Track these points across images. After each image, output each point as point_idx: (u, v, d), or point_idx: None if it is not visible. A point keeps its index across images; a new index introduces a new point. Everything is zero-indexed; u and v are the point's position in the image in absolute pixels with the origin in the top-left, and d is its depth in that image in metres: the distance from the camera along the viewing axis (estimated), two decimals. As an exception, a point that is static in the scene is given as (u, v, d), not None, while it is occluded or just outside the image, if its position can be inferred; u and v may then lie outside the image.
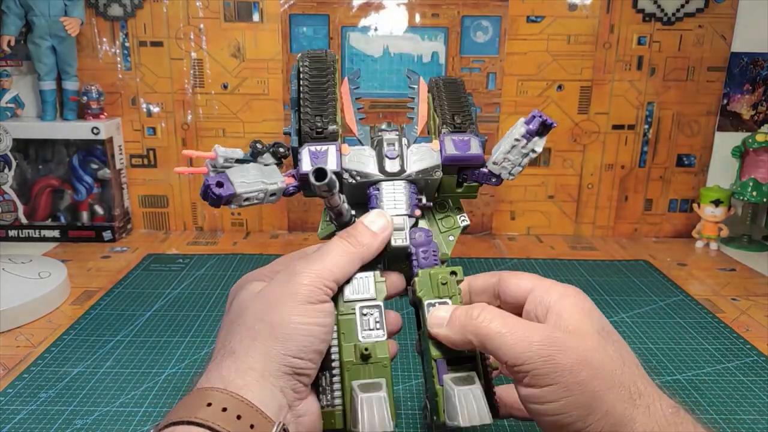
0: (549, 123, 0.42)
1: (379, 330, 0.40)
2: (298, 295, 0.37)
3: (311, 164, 0.42)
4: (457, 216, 0.47)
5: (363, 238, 0.40)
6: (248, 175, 0.42)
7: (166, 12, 0.97)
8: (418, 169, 0.43)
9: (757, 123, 1.02)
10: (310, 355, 0.37)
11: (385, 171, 0.43)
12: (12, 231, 0.99)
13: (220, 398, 0.34)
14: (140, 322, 0.71)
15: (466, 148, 0.44)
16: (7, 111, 0.98)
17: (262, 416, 0.34)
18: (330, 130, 0.43)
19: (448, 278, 0.41)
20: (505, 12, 0.97)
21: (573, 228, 1.07)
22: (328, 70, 0.45)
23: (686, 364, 0.63)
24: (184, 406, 0.34)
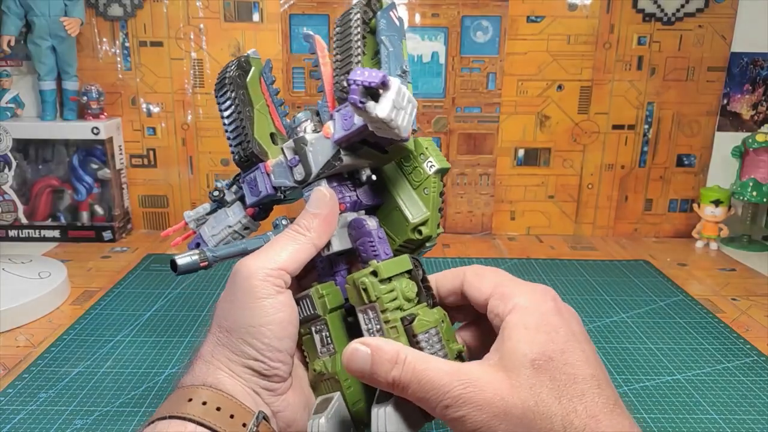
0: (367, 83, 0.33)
1: (329, 345, 0.40)
2: (250, 293, 0.36)
3: (251, 194, 0.44)
4: (423, 164, 0.41)
5: (305, 221, 0.39)
6: (214, 225, 0.45)
7: (166, 12, 0.97)
8: (320, 168, 0.40)
9: (757, 123, 1.02)
10: (270, 354, 0.36)
11: (296, 180, 0.41)
12: (12, 231, 0.99)
13: (199, 393, 0.35)
14: (140, 322, 0.71)
15: (350, 122, 0.37)
16: (7, 111, 0.98)
17: (240, 407, 0.35)
18: (249, 156, 0.43)
19: (367, 282, 0.36)
20: (505, 12, 0.97)
21: (573, 228, 1.07)
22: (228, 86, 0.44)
23: (686, 364, 0.63)
24: (168, 404, 0.35)
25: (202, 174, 1.03)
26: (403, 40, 0.41)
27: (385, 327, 0.36)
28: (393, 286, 0.37)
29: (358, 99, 0.33)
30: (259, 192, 0.43)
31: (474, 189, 1.04)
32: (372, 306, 0.37)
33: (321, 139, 0.39)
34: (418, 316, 0.36)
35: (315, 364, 0.40)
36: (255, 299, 0.36)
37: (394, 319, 0.36)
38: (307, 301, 0.40)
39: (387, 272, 0.37)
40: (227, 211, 0.45)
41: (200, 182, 1.04)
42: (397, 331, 0.36)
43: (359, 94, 0.33)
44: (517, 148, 1.03)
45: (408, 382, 0.33)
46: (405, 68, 0.39)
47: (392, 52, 0.39)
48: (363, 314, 0.37)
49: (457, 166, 1.03)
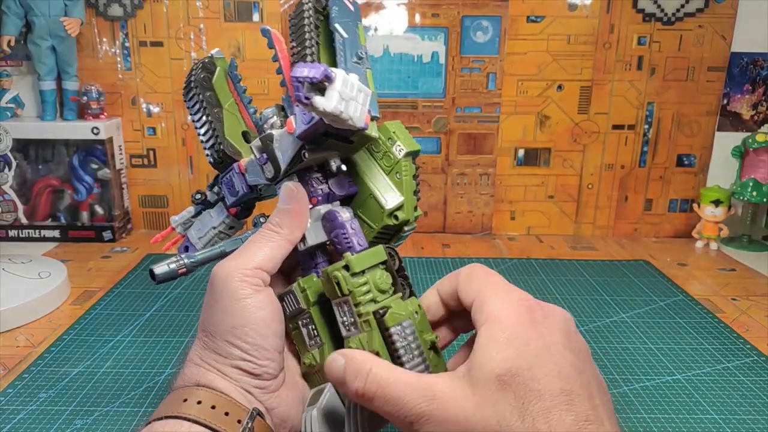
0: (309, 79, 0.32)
1: (316, 337, 0.40)
2: (227, 296, 0.37)
3: (230, 194, 0.45)
4: (392, 148, 0.41)
5: (276, 218, 0.39)
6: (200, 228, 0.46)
7: (166, 12, 0.97)
8: (287, 164, 0.39)
9: (757, 123, 1.02)
10: (255, 353, 0.37)
11: (267, 177, 0.41)
12: (12, 231, 0.99)
13: (193, 393, 0.36)
14: (140, 322, 0.71)
15: (310, 115, 0.36)
16: (7, 111, 0.98)
17: (235, 405, 0.36)
18: (223, 156, 0.44)
19: (339, 275, 0.36)
20: (505, 12, 0.97)
21: (573, 228, 1.07)
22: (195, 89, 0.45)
23: (686, 364, 0.63)
24: (164, 405, 0.36)
25: (202, 174, 1.03)
26: (359, 24, 0.40)
27: (359, 320, 0.36)
28: (366, 278, 0.36)
29: (303, 95, 0.33)
30: (236, 192, 0.44)
31: (474, 189, 1.04)
32: (345, 300, 0.36)
33: (285, 135, 0.39)
34: (391, 309, 0.36)
35: (305, 357, 0.41)
36: (234, 300, 0.37)
37: (367, 313, 0.36)
38: (291, 296, 0.41)
39: (359, 265, 0.36)
40: (210, 213, 0.46)
41: (200, 182, 1.04)
42: (370, 325, 0.36)
43: (305, 90, 0.33)
44: (517, 148, 1.03)
45: (372, 395, 0.32)
46: (361, 54, 0.39)
47: (347, 39, 0.38)
48: (338, 307, 0.37)
49: (457, 166, 1.03)
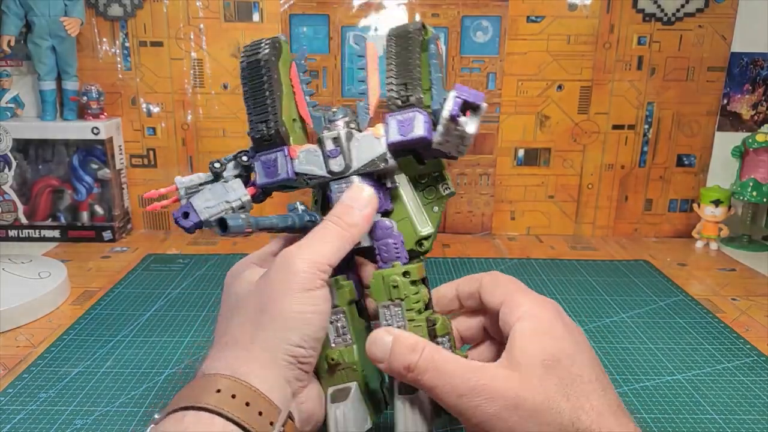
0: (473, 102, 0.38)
1: (346, 335, 0.41)
2: (295, 283, 0.37)
3: (264, 175, 0.42)
4: (439, 185, 0.44)
5: (350, 218, 0.39)
6: (210, 197, 0.42)
7: (166, 12, 0.97)
8: (362, 164, 0.41)
9: (757, 123, 1.02)
10: (311, 343, 0.37)
11: (331, 171, 0.41)
12: (12, 231, 0.99)
13: (228, 384, 0.34)
14: (140, 322, 0.71)
15: (409, 129, 0.40)
16: (7, 111, 0.98)
17: (269, 403, 0.34)
18: (274, 135, 0.42)
19: (399, 280, 0.39)
20: (505, 12, 0.97)
21: (573, 228, 1.07)
22: (264, 64, 0.43)
23: (686, 364, 0.63)
24: (192, 391, 0.34)
25: (202, 174, 1.03)
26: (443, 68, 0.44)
27: (409, 325, 0.39)
28: (418, 288, 0.40)
29: (457, 111, 0.38)
30: (276, 174, 0.42)
31: (474, 189, 1.04)
32: (398, 303, 0.39)
33: (369, 138, 0.41)
34: (440, 320, 0.40)
35: (331, 353, 0.40)
36: (306, 289, 0.37)
37: (420, 319, 0.39)
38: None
39: (416, 275, 0.40)
40: (226, 186, 0.43)
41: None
42: (422, 331, 0.39)
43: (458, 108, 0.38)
44: (517, 148, 1.03)
45: (425, 368, 0.35)
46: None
47: (439, 77, 0.42)
48: (386, 310, 0.40)
49: (457, 166, 1.03)
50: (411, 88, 0.41)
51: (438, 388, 0.35)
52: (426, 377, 0.35)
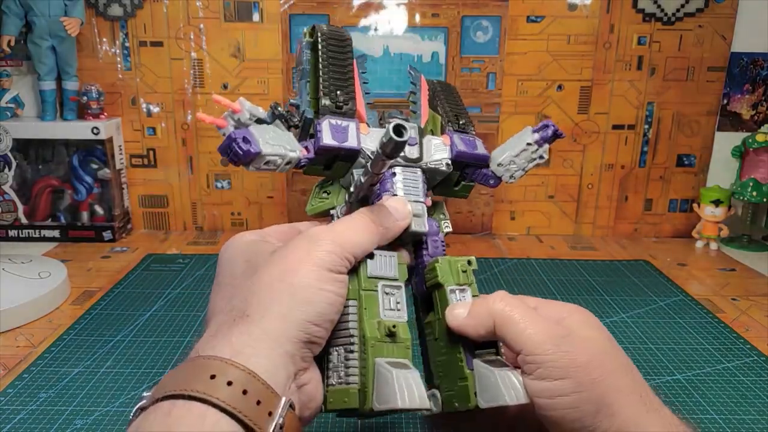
0: (559, 134, 0.44)
1: (400, 311, 0.39)
2: (319, 261, 0.35)
3: (331, 137, 0.40)
4: (441, 221, 0.46)
5: (386, 221, 0.39)
6: (271, 136, 0.39)
7: (166, 12, 0.97)
8: (434, 159, 0.44)
9: (757, 123, 1.02)
10: (326, 323, 0.35)
11: (405, 156, 0.43)
12: (12, 231, 0.99)
13: (224, 369, 0.31)
14: (140, 322, 0.71)
15: (474, 147, 0.45)
16: (7, 111, 0.98)
17: (269, 391, 0.31)
18: (350, 106, 0.42)
19: (467, 267, 0.41)
20: (505, 12, 0.97)
21: (573, 228, 1.07)
22: (348, 46, 0.44)
23: (686, 364, 0.63)
24: (184, 375, 0.31)
25: (202, 174, 1.03)
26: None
27: None
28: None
29: (549, 135, 0.44)
30: (345, 139, 0.41)
31: (474, 189, 1.04)
32: (465, 289, 0.41)
33: (439, 142, 0.45)
34: None
35: (388, 322, 0.38)
36: (329, 269, 0.36)
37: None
38: (388, 259, 0.40)
39: (475, 266, 0.42)
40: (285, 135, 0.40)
41: (200, 182, 1.04)
42: None
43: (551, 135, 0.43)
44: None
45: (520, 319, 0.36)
46: None
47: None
48: (454, 294, 0.40)
49: (457, 166, 1.03)
50: (466, 119, 0.47)
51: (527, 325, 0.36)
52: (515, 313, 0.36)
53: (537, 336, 0.35)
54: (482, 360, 0.38)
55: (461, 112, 0.48)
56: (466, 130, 0.46)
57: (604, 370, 0.34)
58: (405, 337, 0.38)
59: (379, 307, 0.39)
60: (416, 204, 0.42)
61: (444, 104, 0.48)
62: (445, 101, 0.48)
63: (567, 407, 0.34)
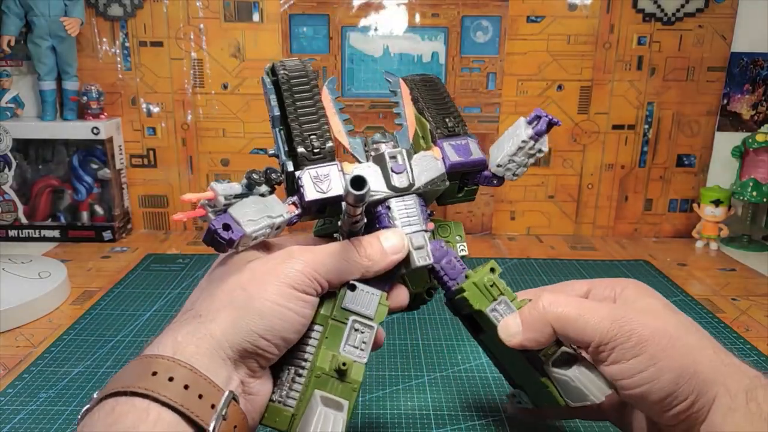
0: (554, 122, 0.42)
1: (362, 351, 0.38)
2: (286, 276, 0.35)
3: (314, 190, 0.39)
4: (457, 244, 0.45)
5: (373, 252, 0.38)
6: (252, 210, 0.38)
7: (166, 12, 0.97)
8: (426, 181, 0.42)
9: (757, 123, 1.02)
10: (277, 339, 0.35)
11: (394, 187, 0.41)
12: (12, 231, 0.99)
13: (166, 366, 0.32)
14: (140, 322, 0.71)
15: (468, 153, 0.43)
16: (7, 111, 0.98)
17: (211, 385, 0.32)
18: (328, 149, 0.40)
19: (492, 278, 0.41)
20: (505, 12, 0.97)
21: (573, 228, 1.07)
22: (312, 82, 0.42)
23: (686, 364, 0.63)
24: (128, 373, 0.32)
25: (202, 174, 1.03)
26: None
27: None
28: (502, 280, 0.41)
29: (544, 128, 0.42)
30: (329, 189, 0.39)
31: (474, 189, 1.04)
32: (502, 300, 0.40)
33: (429, 158, 0.43)
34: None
35: (343, 358, 0.37)
36: (294, 288, 0.35)
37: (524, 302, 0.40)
38: (369, 297, 0.39)
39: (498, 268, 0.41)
40: (266, 202, 0.39)
41: (200, 182, 1.04)
42: None
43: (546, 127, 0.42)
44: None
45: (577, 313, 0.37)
46: None
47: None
48: (493, 312, 0.40)
49: (457, 166, 1.03)
50: (455, 119, 0.45)
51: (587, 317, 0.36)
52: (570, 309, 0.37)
53: (600, 325, 0.36)
54: (553, 363, 0.39)
55: (448, 110, 0.45)
56: (456, 132, 0.44)
57: (670, 336, 0.36)
58: (355, 379, 0.37)
59: (342, 340, 0.38)
60: (416, 235, 0.40)
61: (429, 106, 0.45)
62: (430, 102, 0.46)
63: (648, 381, 0.35)
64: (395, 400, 0.56)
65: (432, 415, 0.54)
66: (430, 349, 0.65)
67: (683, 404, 0.35)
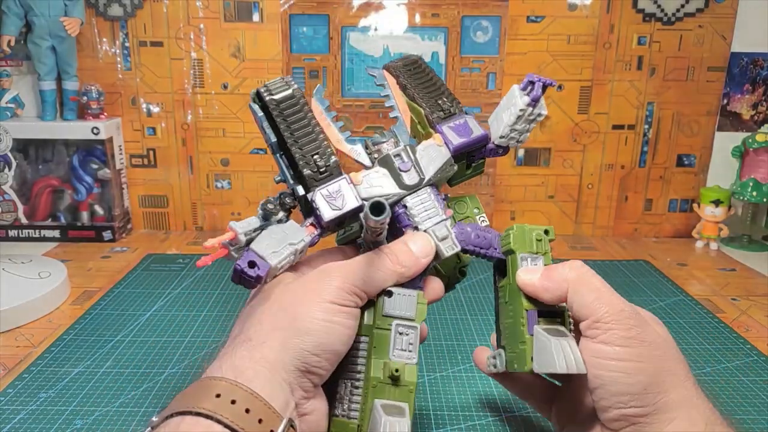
0: (549, 83, 0.42)
1: (411, 353, 0.39)
2: (325, 293, 0.37)
3: (330, 208, 0.40)
4: (476, 216, 0.47)
5: (405, 259, 0.40)
6: (273, 242, 0.39)
7: (166, 12, 0.97)
8: (435, 171, 0.42)
9: (757, 123, 1.02)
10: (327, 354, 0.36)
11: (406, 185, 0.41)
12: (12, 231, 0.99)
13: (229, 389, 0.33)
14: (140, 322, 0.71)
15: (469, 132, 0.44)
16: (7, 111, 0.98)
17: (270, 410, 0.33)
18: (333, 165, 0.41)
19: (543, 236, 0.42)
20: (505, 12, 0.97)
21: (573, 228, 1.07)
22: (301, 100, 0.42)
23: (686, 364, 0.63)
24: (192, 394, 0.33)
25: (202, 174, 1.03)
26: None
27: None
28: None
29: (539, 93, 0.41)
30: (343, 204, 0.40)
31: (474, 189, 1.04)
32: (538, 257, 0.42)
33: (433, 147, 0.43)
34: None
35: (395, 364, 0.38)
36: (336, 303, 0.37)
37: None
38: (407, 299, 0.40)
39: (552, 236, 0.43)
40: (284, 229, 0.40)
41: (200, 182, 1.04)
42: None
43: (540, 92, 0.41)
44: (517, 148, 1.03)
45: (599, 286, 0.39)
46: None
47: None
48: (525, 261, 0.41)
49: (457, 166, 1.03)
50: (448, 98, 0.45)
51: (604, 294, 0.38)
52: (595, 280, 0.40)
53: (612, 306, 0.38)
54: (543, 327, 0.39)
55: (439, 91, 0.45)
56: (452, 112, 0.44)
57: (666, 353, 0.37)
58: (409, 381, 0.38)
59: (390, 346, 0.39)
60: (438, 227, 0.41)
61: (419, 91, 0.45)
62: (419, 86, 0.45)
63: (621, 371, 0.36)
64: (395, 400, 0.56)
65: (432, 415, 0.54)
66: (430, 349, 0.65)
67: (638, 410, 0.36)
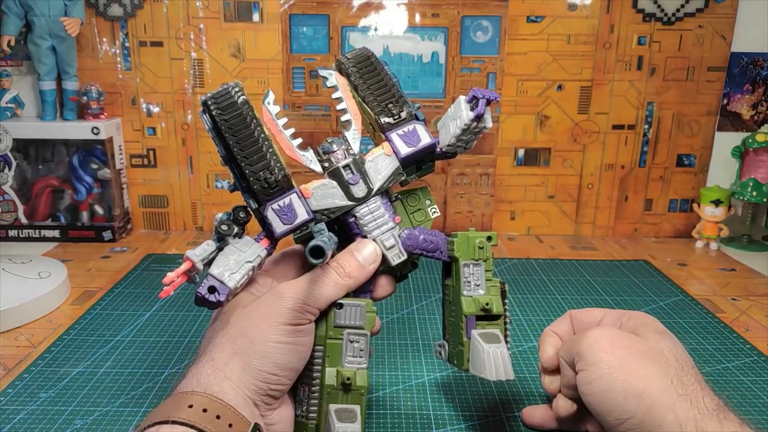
0: (493, 98, 0.42)
1: (362, 358, 0.42)
2: (280, 316, 0.39)
3: (282, 222, 0.41)
4: (428, 208, 0.47)
5: (351, 269, 0.42)
6: (231, 263, 0.41)
7: (166, 12, 0.97)
8: (382, 182, 0.43)
9: (757, 123, 1.02)
10: (286, 372, 0.40)
11: (355, 198, 0.43)
12: (12, 231, 0.99)
13: (199, 400, 0.36)
14: (140, 322, 0.71)
15: (417, 140, 0.44)
16: (7, 111, 0.98)
17: (239, 416, 0.37)
18: (282, 179, 0.41)
19: (485, 243, 0.44)
20: (505, 12, 0.97)
21: (573, 228, 1.07)
22: (247, 112, 0.41)
23: (686, 364, 0.63)
24: (166, 407, 0.36)
25: (202, 174, 1.03)
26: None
27: (487, 284, 0.44)
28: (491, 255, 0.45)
29: (483, 109, 0.41)
30: (294, 218, 0.41)
31: (474, 189, 1.04)
32: (480, 263, 0.44)
33: (382, 156, 0.44)
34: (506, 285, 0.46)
35: (346, 372, 0.41)
36: (290, 324, 0.39)
37: (495, 281, 0.45)
38: (356, 310, 0.42)
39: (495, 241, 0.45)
40: (237, 247, 0.42)
41: (200, 182, 1.04)
42: (496, 291, 0.45)
43: (485, 107, 0.41)
44: (517, 148, 1.03)
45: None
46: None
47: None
48: (467, 267, 0.44)
49: (457, 166, 1.03)
50: (397, 104, 0.45)
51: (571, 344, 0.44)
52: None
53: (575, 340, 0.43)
54: (480, 332, 0.43)
55: (390, 94, 0.45)
56: (402, 118, 0.44)
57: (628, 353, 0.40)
58: (360, 385, 0.42)
59: (342, 355, 0.42)
60: (385, 236, 0.43)
61: (369, 94, 0.45)
62: (369, 88, 0.45)
63: (600, 390, 0.40)
64: (395, 400, 0.56)
65: (432, 415, 0.54)
66: (430, 349, 0.65)
67: (631, 421, 0.39)
